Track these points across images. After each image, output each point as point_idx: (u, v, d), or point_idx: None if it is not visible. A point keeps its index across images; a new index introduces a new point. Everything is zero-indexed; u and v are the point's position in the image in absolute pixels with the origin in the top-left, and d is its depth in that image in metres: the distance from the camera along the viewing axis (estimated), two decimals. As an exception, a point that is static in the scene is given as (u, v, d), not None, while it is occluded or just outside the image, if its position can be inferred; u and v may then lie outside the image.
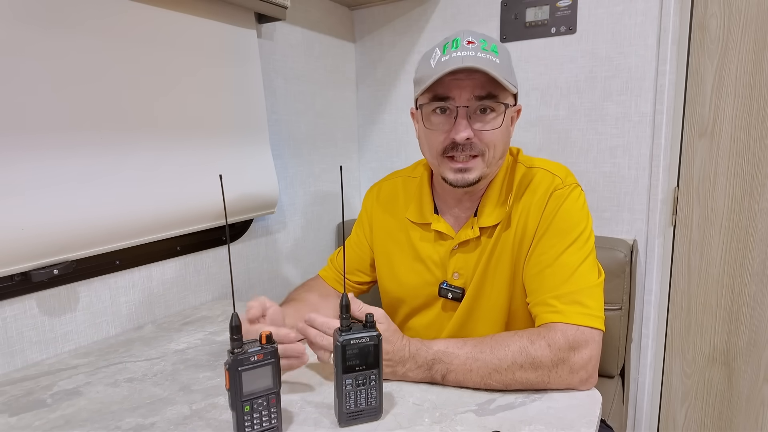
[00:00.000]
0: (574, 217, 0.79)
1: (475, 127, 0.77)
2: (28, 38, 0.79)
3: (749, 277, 1.32)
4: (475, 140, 0.77)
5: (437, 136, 0.79)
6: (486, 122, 0.77)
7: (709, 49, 1.29)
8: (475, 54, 0.74)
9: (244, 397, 0.57)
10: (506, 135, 0.81)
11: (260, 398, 0.58)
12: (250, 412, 0.58)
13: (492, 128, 0.77)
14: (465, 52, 0.74)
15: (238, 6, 1.14)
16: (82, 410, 0.69)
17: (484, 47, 0.76)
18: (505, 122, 0.79)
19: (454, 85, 0.76)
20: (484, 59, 0.74)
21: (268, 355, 0.58)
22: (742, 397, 1.37)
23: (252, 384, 0.58)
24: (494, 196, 0.85)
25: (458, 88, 0.76)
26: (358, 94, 1.70)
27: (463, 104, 0.76)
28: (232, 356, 0.57)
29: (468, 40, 0.76)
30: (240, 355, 0.57)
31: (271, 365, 0.59)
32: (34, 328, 0.88)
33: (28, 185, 0.80)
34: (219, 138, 1.13)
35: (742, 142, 1.29)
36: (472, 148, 0.78)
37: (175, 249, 1.11)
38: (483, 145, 0.78)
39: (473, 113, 0.77)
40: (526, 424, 0.63)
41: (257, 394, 0.58)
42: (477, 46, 0.75)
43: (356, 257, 1.01)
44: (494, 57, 0.76)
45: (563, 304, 0.74)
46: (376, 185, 1.02)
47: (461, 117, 0.76)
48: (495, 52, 0.76)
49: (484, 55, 0.74)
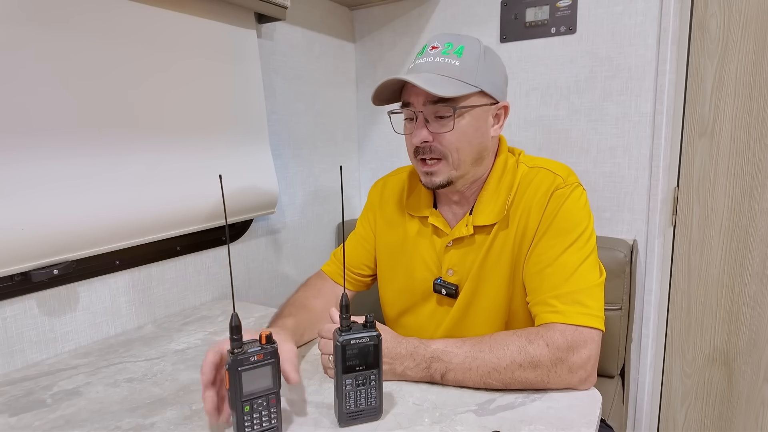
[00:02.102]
0: (575, 217, 0.79)
1: (433, 130, 0.79)
2: (28, 38, 0.79)
3: (749, 277, 1.32)
4: (435, 144, 0.80)
5: (408, 140, 0.84)
6: (442, 125, 0.79)
7: (709, 49, 1.29)
8: (433, 59, 0.78)
9: (244, 397, 0.57)
10: (473, 136, 0.80)
11: (260, 398, 0.58)
12: (250, 412, 0.58)
13: (447, 130, 0.78)
14: (425, 59, 0.80)
15: (238, 6, 1.14)
16: (82, 410, 0.69)
17: (446, 51, 0.79)
18: (465, 124, 0.79)
19: (412, 91, 0.80)
20: (440, 64, 0.77)
21: (267, 355, 0.58)
22: (742, 397, 1.37)
23: (252, 384, 0.58)
24: (490, 195, 0.85)
25: (415, 95, 0.79)
26: (358, 94, 1.71)
27: (419, 109, 0.79)
28: (232, 356, 0.57)
29: (433, 45, 0.81)
30: (240, 355, 0.57)
31: (271, 365, 0.58)
32: (34, 328, 0.88)
33: (29, 185, 0.80)
34: (219, 138, 1.13)
35: (742, 142, 1.29)
36: (432, 151, 0.80)
37: (175, 249, 1.11)
38: (443, 147, 0.79)
39: (431, 117, 0.79)
40: (526, 424, 0.63)
41: (257, 394, 0.58)
42: (438, 50, 0.79)
43: (362, 250, 1.00)
44: (454, 59, 0.78)
45: (563, 304, 0.74)
46: (381, 180, 1.02)
47: (419, 121, 0.80)
48: (458, 54, 0.78)
49: (442, 60, 0.78)
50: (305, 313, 0.87)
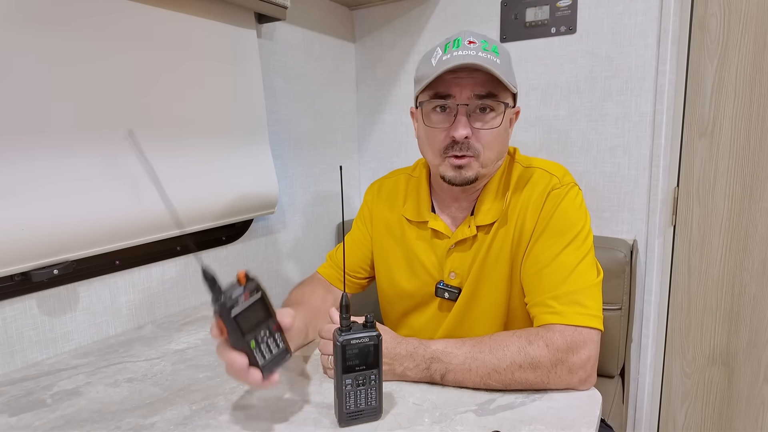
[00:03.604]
0: (571, 217, 0.79)
1: (475, 126, 0.77)
2: (28, 38, 0.79)
3: (749, 278, 1.32)
4: (472, 140, 0.78)
5: (437, 134, 0.80)
6: (485, 121, 0.78)
7: (709, 49, 1.29)
8: (476, 53, 0.75)
9: (247, 336, 0.58)
10: (504, 136, 0.81)
11: (261, 331, 0.60)
12: (257, 345, 0.59)
13: (491, 127, 0.77)
14: (466, 51, 0.75)
15: (238, 6, 1.14)
16: (82, 410, 0.69)
17: (485, 47, 0.76)
18: (504, 123, 0.79)
19: (454, 83, 0.76)
20: (485, 58, 0.75)
21: (253, 291, 0.59)
22: (742, 397, 1.37)
23: (248, 322, 0.59)
24: (491, 194, 0.85)
25: (459, 86, 0.76)
26: (358, 94, 1.70)
27: (463, 102, 0.76)
28: (219, 303, 0.57)
29: (469, 39, 0.77)
30: (228, 302, 0.57)
31: (259, 299, 0.60)
32: (34, 328, 0.88)
33: (29, 185, 0.80)
34: (219, 138, 1.13)
35: (742, 142, 1.28)
36: (469, 148, 0.78)
37: (175, 249, 1.11)
38: (479, 145, 0.78)
39: (473, 112, 0.78)
40: (526, 424, 0.63)
41: (256, 329, 0.59)
42: (478, 46, 0.76)
43: (359, 253, 1.00)
44: (495, 57, 0.76)
45: (561, 305, 0.74)
46: (377, 182, 1.02)
47: (461, 114, 0.77)
48: (495, 53, 0.77)
49: (484, 55, 0.75)
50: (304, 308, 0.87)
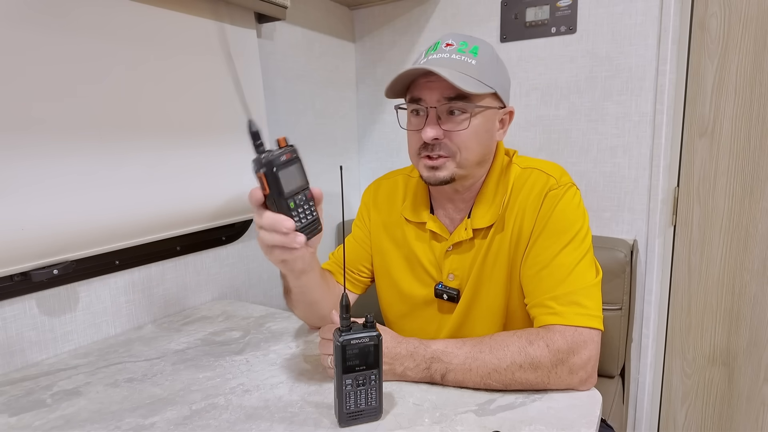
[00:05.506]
0: (569, 217, 0.79)
1: (445, 127, 0.78)
2: (28, 39, 0.79)
3: (749, 277, 1.32)
4: (445, 141, 0.78)
5: (413, 136, 0.82)
6: (455, 123, 0.78)
7: (709, 49, 1.29)
8: (449, 56, 0.77)
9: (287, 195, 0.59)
10: (484, 137, 0.80)
11: (299, 194, 0.61)
12: (295, 207, 0.60)
13: (460, 129, 0.78)
14: (440, 55, 0.78)
15: (238, 6, 1.14)
16: (81, 410, 0.69)
17: (461, 49, 0.78)
18: (478, 124, 0.79)
19: (425, 86, 0.78)
20: (457, 61, 0.76)
21: (293, 153, 0.61)
22: (742, 397, 1.37)
23: (288, 184, 0.60)
24: (488, 197, 0.85)
25: (428, 90, 0.78)
26: (358, 94, 1.70)
27: (431, 105, 0.78)
28: (264, 156, 0.58)
29: (447, 42, 0.79)
30: (270, 157, 0.58)
31: (298, 162, 0.61)
32: (34, 328, 0.88)
33: (29, 185, 0.80)
34: (219, 138, 1.13)
35: (742, 142, 1.28)
36: (442, 148, 0.79)
37: (175, 249, 1.11)
38: (453, 145, 0.79)
39: (444, 114, 0.78)
40: (526, 424, 0.63)
41: (295, 191, 0.61)
42: (454, 48, 0.78)
43: (360, 251, 0.99)
44: (470, 58, 0.77)
45: (561, 306, 0.73)
46: (375, 182, 1.02)
47: (430, 117, 0.78)
48: (474, 54, 0.77)
49: (459, 57, 0.76)
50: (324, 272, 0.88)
